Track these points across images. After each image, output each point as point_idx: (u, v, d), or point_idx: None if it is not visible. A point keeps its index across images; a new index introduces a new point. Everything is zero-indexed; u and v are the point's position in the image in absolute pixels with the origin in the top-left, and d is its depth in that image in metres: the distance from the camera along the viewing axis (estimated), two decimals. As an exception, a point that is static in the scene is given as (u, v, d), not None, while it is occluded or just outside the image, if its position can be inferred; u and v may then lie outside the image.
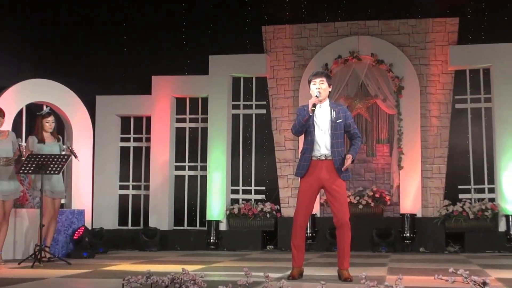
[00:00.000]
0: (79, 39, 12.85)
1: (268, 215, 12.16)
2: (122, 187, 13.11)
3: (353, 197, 11.99)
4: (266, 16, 12.85)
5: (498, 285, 6.07)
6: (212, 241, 11.98)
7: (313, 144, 6.53)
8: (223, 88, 12.63)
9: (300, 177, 6.64)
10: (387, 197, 12.06)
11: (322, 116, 6.56)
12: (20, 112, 11.28)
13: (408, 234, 11.48)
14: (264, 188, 12.70)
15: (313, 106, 6.43)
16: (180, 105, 13.04)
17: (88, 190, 11.89)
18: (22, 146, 8.99)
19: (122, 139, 13.20)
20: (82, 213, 10.83)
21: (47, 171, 8.72)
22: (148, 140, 12.98)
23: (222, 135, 12.50)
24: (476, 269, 7.81)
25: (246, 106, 12.89)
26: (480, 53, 11.91)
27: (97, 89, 12.87)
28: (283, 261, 8.90)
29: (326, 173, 6.50)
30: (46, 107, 10.04)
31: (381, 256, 10.44)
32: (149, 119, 12.93)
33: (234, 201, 12.60)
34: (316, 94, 6.52)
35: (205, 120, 12.81)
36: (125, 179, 13.13)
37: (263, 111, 12.82)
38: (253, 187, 12.72)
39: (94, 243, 10.62)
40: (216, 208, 12.28)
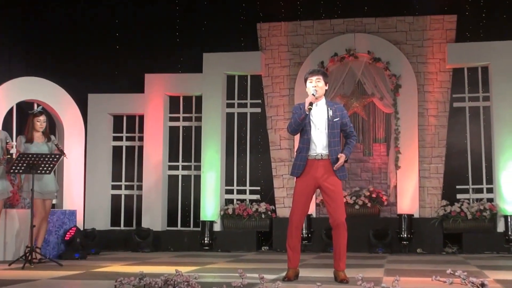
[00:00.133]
0: (71, 36, 12.83)
1: (263, 216, 12.17)
2: (114, 187, 13.09)
3: (349, 197, 11.99)
4: (261, 13, 12.86)
5: (496, 286, 6.08)
6: (206, 242, 11.97)
7: (309, 143, 6.52)
8: (217, 86, 12.62)
9: (296, 176, 6.64)
10: (384, 197, 12.07)
11: (319, 114, 6.55)
12: (10, 110, 11.26)
13: (405, 235, 11.49)
14: (259, 188, 12.70)
15: (309, 104, 6.41)
16: (173, 103, 13.03)
17: (80, 190, 11.86)
18: (10, 144, 8.90)
19: (115, 138, 13.18)
20: (73, 213, 10.81)
21: (38, 171, 8.69)
22: (141, 139, 12.96)
23: (216, 134, 12.50)
24: (474, 270, 7.82)
25: (240, 105, 12.89)
26: (478, 51, 11.93)
27: (89, 87, 12.85)
28: (278, 262, 8.89)
29: (322, 172, 6.49)
30: (39, 106, 10.00)
31: (377, 257, 10.44)
32: (142, 118, 12.92)
33: (229, 201, 12.59)
34: (312, 92, 6.50)
35: (199, 119, 12.80)
36: (117, 179, 13.11)
37: (258, 110, 12.82)
38: (247, 187, 12.72)
39: (86, 244, 10.61)
40: (210, 208, 12.28)
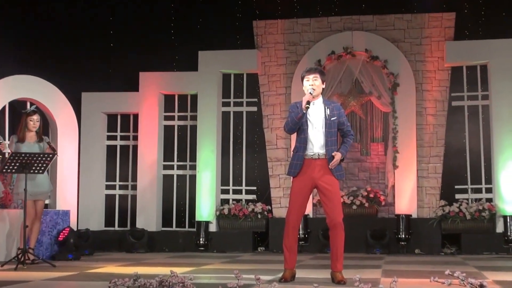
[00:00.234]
0: (64, 34, 12.81)
1: (259, 216, 12.16)
2: (108, 187, 13.08)
3: (346, 197, 12.00)
4: (257, 10, 12.85)
5: (495, 287, 6.09)
6: (201, 242, 11.97)
7: (306, 142, 6.52)
8: (213, 84, 12.61)
9: (292, 176, 6.64)
10: (382, 197, 12.08)
11: (316, 113, 6.55)
12: (3, 109, 11.24)
13: (403, 235, 11.50)
14: (255, 188, 12.70)
15: (307, 103, 6.41)
16: (168, 102, 13.02)
17: (73, 190, 11.84)
18: (2, 144, 8.89)
19: (109, 138, 13.17)
20: (67, 213, 10.79)
21: (31, 171, 8.67)
22: (135, 138, 12.95)
23: (212, 133, 12.49)
24: (473, 271, 7.83)
25: (236, 104, 12.89)
26: (477, 49, 11.93)
27: (82, 85, 12.82)
28: (275, 263, 8.90)
29: (319, 172, 6.49)
30: (32, 105, 9.98)
31: (375, 258, 10.45)
32: (136, 117, 12.91)
33: (224, 201, 12.59)
34: (310, 91, 6.50)
35: (194, 117, 12.79)
36: (111, 179, 13.10)
37: (254, 109, 12.82)
38: (243, 187, 12.72)
39: (80, 245, 10.60)
40: (205, 208, 12.27)
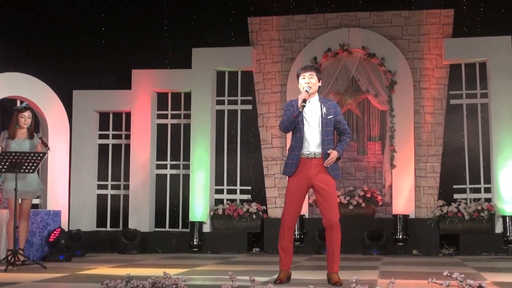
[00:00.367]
0: (55, 31, 12.78)
1: (254, 216, 12.17)
2: (100, 187, 13.07)
3: (343, 197, 12.01)
4: (252, 7, 12.85)
5: (494, 289, 6.11)
6: (195, 243, 11.96)
7: (302, 141, 6.53)
8: (207, 82, 12.61)
9: (288, 176, 6.64)
10: (379, 197, 12.09)
11: (312, 112, 6.56)
12: (-8, 107, 11.26)
13: (400, 236, 11.50)
14: (250, 187, 12.70)
15: (303, 101, 6.42)
16: (161, 100, 13.01)
17: (64, 189, 11.83)
18: None
19: (101, 136, 13.15)
20: (58, 214, 10.78)
21: (21, 170, 8.65)
22: (127, 137, 12.94)
23: (206, 132, 12.48)
24: (471, 272, 7.85)
25: (231, 102, 12.89)
26: (476, 46, 11.95)
27: (74, 83, 12.81)
28: (270, 264, 8.90)
29: (315, 171, 6.50)
30: (23, 102, 9.97)
31: (372, 259, 10.46)
32: (129, 115, 12.90)
33: (219, 201, 12.59)
34: (306, 89, 6.51)
35: (188, 116, 12.79)
36: (103, 178, 13.09)
37: (249, 107, 12.82)
38: (238, 187, 12.72)
39: (71, 246, 10.59)
40: (199, 208, 12.27)
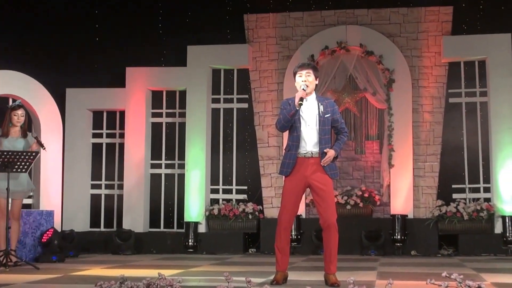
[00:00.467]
0: (48, 28, 12.76)
1: (250, 216, 12.16)
2: (94, 186, 13.05)
3: (340, 197, 12.01)
4: (248, 3, 12.85)
5: (494, 290, 6.12)
6: (190, 244, 11.96)
7: (299, 140, 6.53)
8: (202, 80, 12.60)
9: (284, 175, 6.64)
10: (377, 197, 12.09)
11: (309, 110, 6.56)
12: (-16, 106, 11.23)
13: (398, 236, 11.51)
14: (246, 187, 12.70)
15: (300, 100, 6.42)
16: (156, 98, 13.00)
17: (57, 189, 11.82)
18: None
19: (94, 135, 13.14)
20: (51, 214, 10.76)
21: (14, 169, 8.63)
22: (122, 136, 12.93)
23: (201, 131, 12.48)
24: (470, 273, 7.86)
25: (226, 100, 12.88)
26: (475, 44, 11.95)
27: (67, 81, 12.78)
28: (266, 265, 8.91)
29: (312, 171, 6.50)
30: (16, 101, 9.95)
31: (370, 259, 10.48)
32: (123, 114, 12.88)
33: (214, 201, 12.59)
34: (303, 87, 6.51)
35: (183, 114, 12.78)
36: (97, 178, 13.08)
37: (245, 105, 12.82)
38: (234, 187, 12.72)
39: (64, 246, 10.58)
40: (194, 208, 12.27)
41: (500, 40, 11.84)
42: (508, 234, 11.20)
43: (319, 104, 6.59)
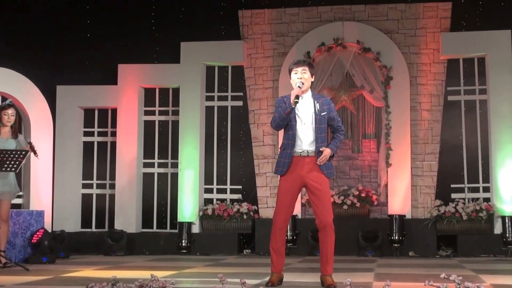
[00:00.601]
0: (38, 23, 12.75)
1: (245, 217, 12.16)
2: (85, 186, 13.04)
3: (337, 196, 12.02)
4: (243, -1, 12.86)
5: (493, 291, 6.13)
6: (183, 244, 11.95)
7: (294, 139, 6.52)
8: (196, 77, 12.59)
9: (280, 175, 6.64)
10: (374, 196, 12.10)
11: (305, 108, 6.56)
12: (-28, 103, 11.20)
13: (396, 237, 11.52)
14: (240, 187, 12.70)
15: (296, 98, 6.41)
16: (149, 96, 12.99)
17: (48, 189, 11.81)
18: None
19: (85, 133, 13.13)
20: (41, 214, 10.75)
21: (3, 168, 8.60)
22: (113, 134, 12.91)
23: (195, 129, 12.47)
24: (469, 274, 7.87)
25: (221, 98, 12.87)
26: (474, 40, 11.96)
27: (57, 78, 12.77)
28: (261, 266, 8.91)
29: (308, 170, 6.50)
30: (7, 99, 9.94)
31: (367, 260, 10.48)
32: (115, 112, 12.87)
33: (208, 201, 12.58)
34: (298, 84, 6.50)
35: (176, 112, 12.77)
36: (88, 177, 13.06)
37: (240, 103, 12.81)
38: (228, 186, 12.72)
39: (55, 247, 10.56)
40: (188, 208, 12.26)
41: (500, 36, 11.86)
42: (508, 235, 11.21)
43: (315, 102, 6.59)
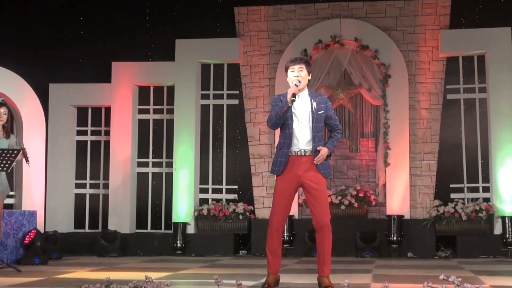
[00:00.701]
0: (30, 20, 12.74)
1: (240, 217, 12.17)
2: (78, 186, 13.03)
3: (334, 196, 12.02)
4: (239, -4, 12.86)
5: (493, 293, 6.14)
6: (178, 245, 11.96)
7: (291, 138, 6.52)
8: (191, 75, 12.59)
9: (276, 174, 6.64)
10: (372, 196, 12.10)
11: (302, 107, 6.56)
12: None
13: (395, 238, 11.53)
14: (236, 187, 12.70)
15: (292, 96, 6.41)
16: (143, 94, 12.98)
17: (40, 189, 11.80)
18: None
19: (79, 132, 13.11)
20: (33, 214, 10.75)
21: (-6, 168, 8.59)
22: (107, 133, 12.90)
23: (190, 128, 12.47)
24: (469, 275, 7.88)
25: (216, 96, 12.88)
26: (474, 38, 11.97)
27: (50, 76, 12.76)
28: (258, 267, 8.92)
29: (305, 170, 6.50)
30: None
31: (365, 261, 10.49)
32: (108, 110, 12.86)
33: (203, 201, 12.58)
34: (295, 82, 6.50)
35: (171, 111, 12.77)
36: (81, 177, 13.05)
37: (236, 102, 12.81)
38: (224, 186, 12.72)
39: (47, 248, 10.57)
40: (183, 209, 12.26)
41: (500, 34, 11.87)
42: (508, 235, 11.22)
43: (312, 100, 6.59)
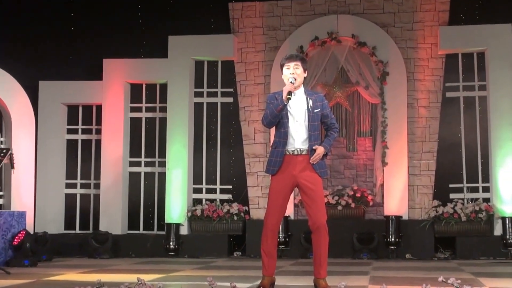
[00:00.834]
0: (19, 16, 12.72)
1: (235, 218, 12.17)
2: (69, 186, 13.02)
3: (331, 197, 12.03)
4: (234, -9, 12.86)
5: (492, 295, 6.15)
6: (171, 247, 11.96)
7: (286, 137, 6.51)
8: (184, 73, 12.59)
9: (271, 174, 6.63)
10: (370, 197, 12.11)
11: (297, 105, 6.55)
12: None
13: (392, 239, 11.54)
14: (230, 186, 12.70)
15: (288, 94, 6.41)
16: (135, 92, 12.98)
17: (29, 189, 11.78)
18: None
19: (69, 131, 13.11)
20: (23, 215, 10.73)
21: (-18, 168, 8.61)
22: (98, 132, 12.90)
23: (183, 127, 12.47)
24: (468, 277, 7.89)
25: (210, 94, 12.87)
26: (474, 35, 11.99)
27: (40, 73, 12.75)
28: (252, 269, 8.92)
29: (300, 169, 6.49)
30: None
31: (362, 263, 10.50)
32: (99, 108, 12.86)
33: (197, 201, 12.58)
34: (291, 80, 6.49)
35: (163, 109, 12.77)
36: (72, 177, 13.05)
37: (230, 99, 12.81)
38: (218, 186, 12.72)
39: (37, 250, 10.55)
40: (176, 209, 12.26)
41: (500, 30, 11.88)
42: (508, 236, 11.24)
43: (308, 98, 6.58)
